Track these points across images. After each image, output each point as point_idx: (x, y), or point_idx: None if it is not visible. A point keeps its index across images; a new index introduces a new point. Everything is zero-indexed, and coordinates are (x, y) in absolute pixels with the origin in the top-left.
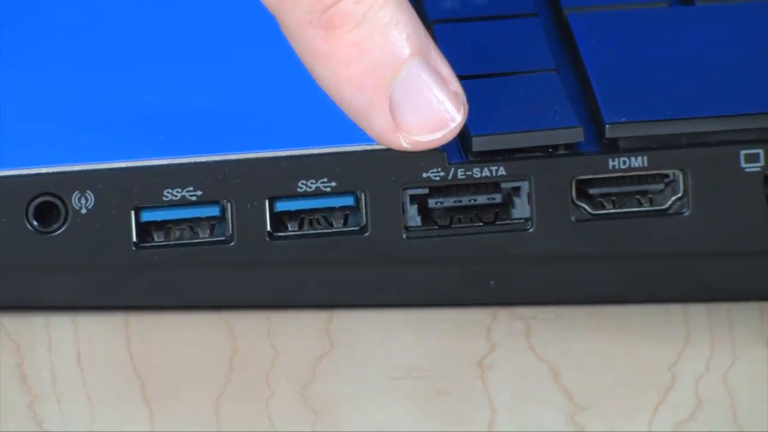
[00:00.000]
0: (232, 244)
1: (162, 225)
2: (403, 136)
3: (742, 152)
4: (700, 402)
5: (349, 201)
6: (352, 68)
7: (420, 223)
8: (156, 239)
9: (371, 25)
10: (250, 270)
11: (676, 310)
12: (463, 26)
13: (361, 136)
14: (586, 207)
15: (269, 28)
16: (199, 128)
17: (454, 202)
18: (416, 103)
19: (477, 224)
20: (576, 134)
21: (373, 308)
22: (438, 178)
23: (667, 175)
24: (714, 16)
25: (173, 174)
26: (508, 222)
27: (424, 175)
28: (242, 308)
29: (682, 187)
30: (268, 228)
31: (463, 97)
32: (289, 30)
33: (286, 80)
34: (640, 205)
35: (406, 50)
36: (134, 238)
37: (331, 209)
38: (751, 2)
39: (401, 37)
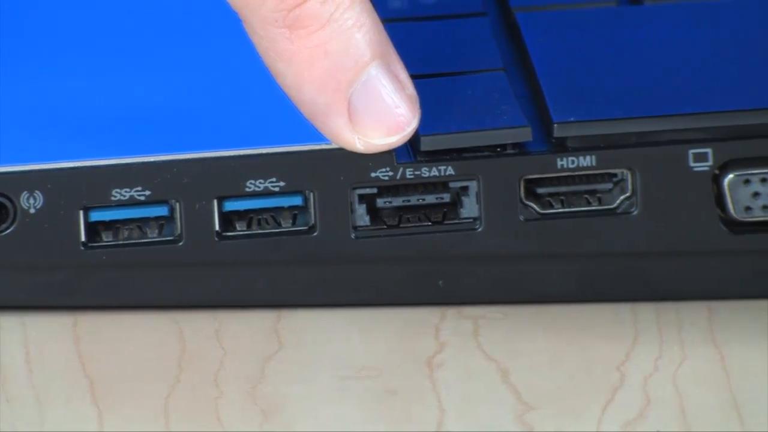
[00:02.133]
0: (180, 243)
1: (111, 225)
2: (359, 138)
3: (691, 151)
4: (648, 401)
5: (297, 201)
6: (315, 69)
7: (368, 223)
8: (105, 239)
9: (336, 27)
10: (199, 270)
11: (624, 309)
12: (412, 26)
13: (310, 135)
14: (535, 206)
15: (219, 29)
16: (148, 128)
17: (403, 201)
18: (374, 106)
19: (425, 224)
20: (524, 134)
21: (322, 308)
22: (387, 178)
23: (615, 175)
24: (662, 16)
25: (122, 174)
26: (456, 221)
27: (373, 174)
28: (191, 308)
29: (630, 186)
30: (217, 228)
31: (417, 102)
32: (253, 28)
33: (234, 80)
34: (589, 204)
35: (368, 53)
36: (83, 238)
37: (280, 209)
38: (698, 2)
39: (364, 39)
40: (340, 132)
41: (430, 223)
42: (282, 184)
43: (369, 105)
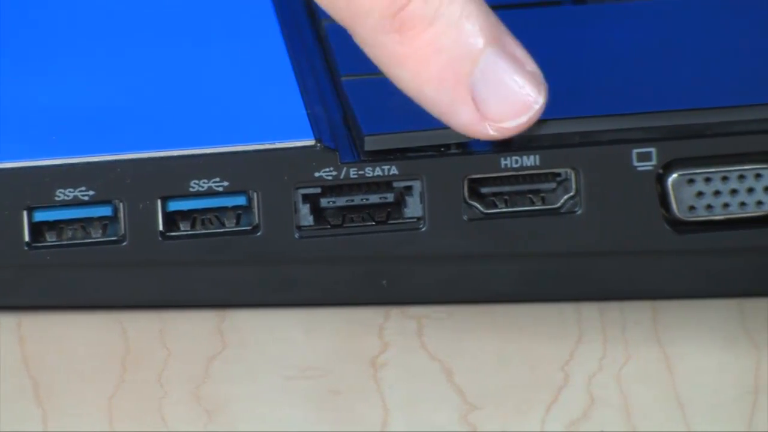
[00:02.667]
0: (124, 244)
1: (54, 225)
2: (490, 125)
3: (635, 151)
4: (592, 401)
5: (241, 200)
6: (431, 68)
7: (312, 223)
8: (48, 239)
9: (444, 22)
10: (143, 270)
11: (568, 309)
12: None
13: (254, 135)
14: (479, 206)
15: (166, 30)
16: (92, 128)
17: (347, 201)
18: (498, 91)
19: (369, 223)
20: None
21: (266, 308)
22: (330, 178)
23: (559, 174)
24: (605, 16)
25: (66, 174)
26: (400, 221)
27: (317, 174)
28: (135, 308)
29: (574, 185)
30: (161, 228)
31: (541, 77)
32: (364, 40)
33: (178, 80)
34: (533, 204)
35: (481, 41)
36: (26, 238)
37: (224, 209)
38: (641, 2)
39: (474, 28)
40: (470, 123)
41: (373, 223)
42: (226, 184)
43: (492, 91)
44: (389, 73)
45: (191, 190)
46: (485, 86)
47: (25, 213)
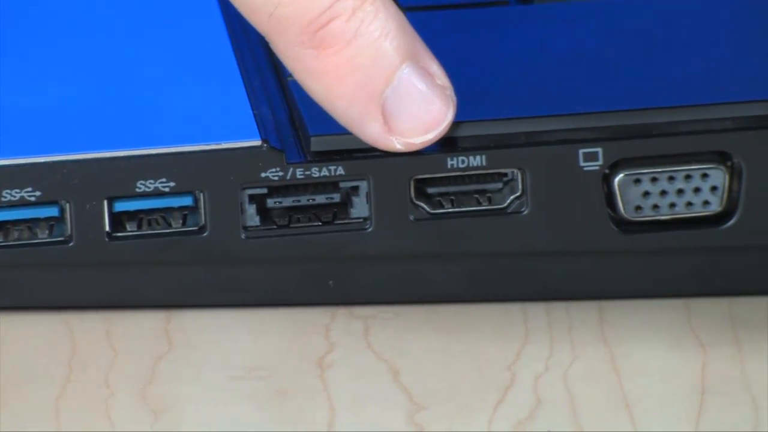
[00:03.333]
0: (71, 244)
1: (1, 225)
2: (397, 140)
3: (581, 151)
4: (539, 401)
5: (187, 201)
6: (346, 84)
7: (259, 223)
8: None
9: (362, 41)
10: (89, 270)
11: (515, 309)
12: None
13: (201, 136)
14: (425, 206)
15: (112, 30)
16: (38, 129)
17: (293, 201)
18: (408, 107)
19: (316, 224)
20: None
21: (213, 308)
22: (277, 178)
23: (505, 174)
24: (552, 16)
25: (12, 174)
26: (346, 221)
27: (263, 175)
28: (82, 309)
29: (520, 186)
30: (107, 228)
31: (450, 90)
32: (282, 52)
33: (124, 80)
34: (479, 204)
35: (397, 59)
36: None
37: (170, 209)
38: (587, 2)
39: (392, 46)
40: (377, 137)
41: (320, 223)
42: (172, 184)
43: (402, 107)
44: (303, 84)
45: (138, 190)
46: (396, 103)
47: None
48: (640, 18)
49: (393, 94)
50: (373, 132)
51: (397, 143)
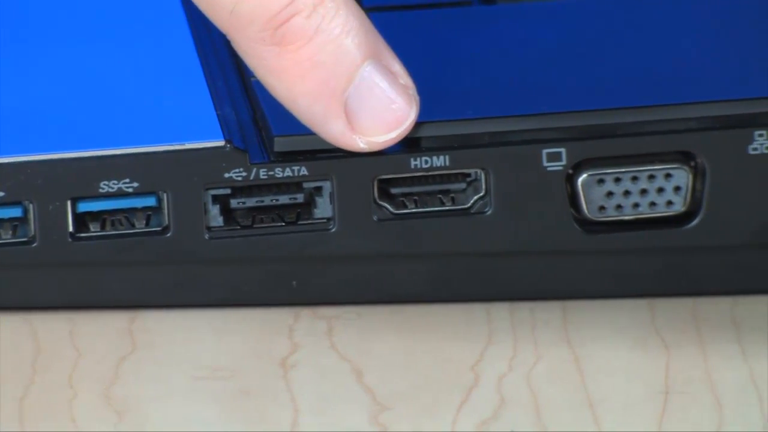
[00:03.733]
0: (34, 245)
1: None
2: (360, 138)
3: (545, 151)
4: (503, 401)
5: (151, 201)
6: (307, 81)
7: (222, 224)
8: None
9: (324, 38)
10: (53, 271)
11: (479, 309)
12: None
13: (164, 136)
14: (388, 206)
15: (74, 30)
16: (1, 129)
17: (257, 202)
18: (370, 106)
19: (279, 224)
20: None
21: (176, 308)
22: (240, 179)
23: (469, 175)
24: (516, 16)
25: None
26: (310, 222)
27: (227, 175)
28: (45, 309)
29: (484, 186)
30: (71, 229)
31: (413, 90)
32: (243, 49)
33: (88, 81)
34: (442, 204)
35: (359, 57)
36: None
37: (134, 210)
38: (550, 2)
39: (353, 44)
40: (340, 136)
41: (283, 224)
42: (136, 185)
43: (365, 105)
44: (264, 81)
45: (101, 191)
46: (359, 101)
47: None
48: (603, 18)
49: (355, 93)
50: (336, 131)
51: (359, 142)
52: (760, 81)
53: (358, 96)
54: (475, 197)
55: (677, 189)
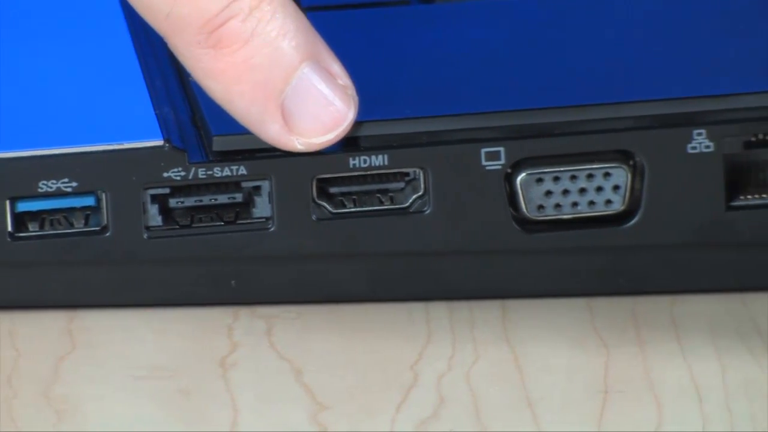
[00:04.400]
0: None
1: None
2: (297, 140)
3: (483, 150)
4: (442, 400)
5: (90, 201)
6: (244, 84)
7: (161, 223)
8: None
9: (260, 41)
10: None
11: (418, 308)
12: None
13: (102, 136)
14: (327, 206)
15: (9, 28)
16: None
17: (195, 201)
18: (307, 107)
19: (218, 223)
20: None
21: (116, 308)
22: (179, 178)
23: (407, 174)
24: (454, 15)
25: None
26: (249, 221)
27: (165, 174)
28: None
29: (422, 185)
30: (10, 228)
31: (352, 90)
32: (179, 51)
33: (26, 80)
34: (381, 203)
35: (296, 59)
36: None
37: (72, 209)
38: (488, 1)
39: (291, 45)
40: (277, 138)
41: (222, 223)
42: (74, 184)
43: (302, 107)
44: (202, 84)
45: (40, 190)
46: (296, 103)
47: None
48: (541, 17)
49: (292, 94)
50: (273, 132)
51: (297, 143)
52: (699, 80)
53: (295, 97)
54: (414, 196)
55: (616, 188)
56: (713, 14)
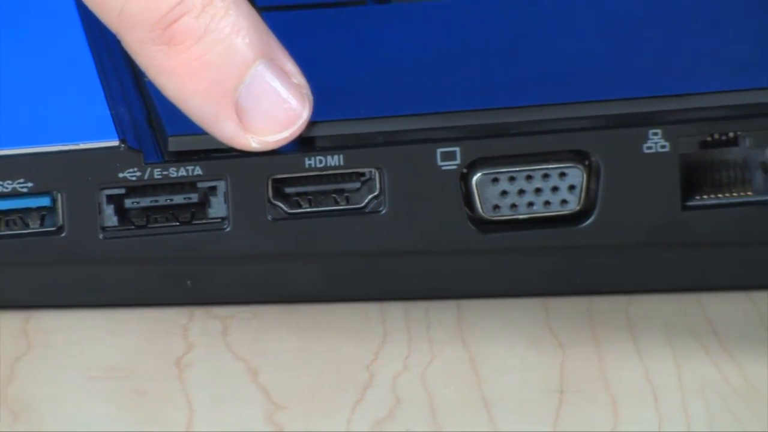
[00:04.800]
0: None
1: None
2: (252, 138)
3: (439, 150)
4: (398, 400)
5: (45, 201)
6: (197, 81)
7: (117, 223)
8: None
9: (213, 37)
10: None
11: (373, 308)
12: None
13: (58, 136)
14: (283, 206)
15: None
16: None
17: (151, 202)
18: (262, 105)
19: (174, 224)
20: None
21: (71, 308)
22: (134, 178)
23: (363, 174)
24: (410, 15)
25: None
26: (204, 221)
27: (121, 175)
28: None
29: (378, 185)
30: None
31: (306, 89)
32: (132, 48)
33: None
34: (337, 203)
35: (250, 56)
36: None
37: (28, 210)
38: (444, 1)
39: (244, 43)
40: (232, 136)
41: (178, 223)
42: (30, 185)
43: (256, 105)
44: (155, 81)
45: None
46: (250, 101)
47: None
48: (497, 17)
49: (246, 92)
50: (228, 130)
51: (252, 141)
52: (655, 80)
53: (249, 95)
54: (370, 197)
55: (572, 188)
56: (669, 14)
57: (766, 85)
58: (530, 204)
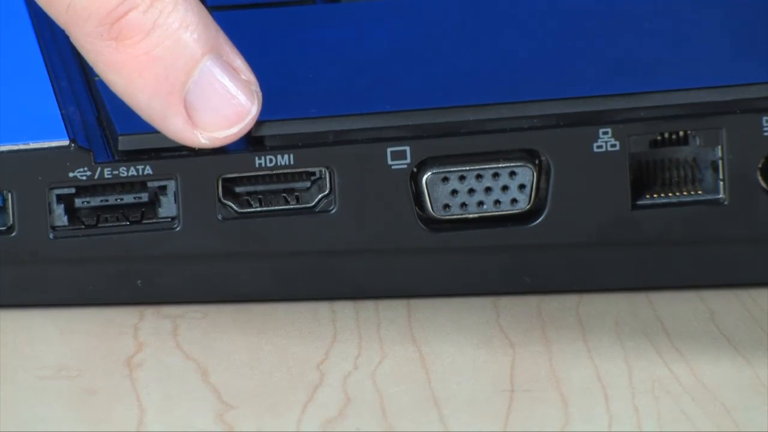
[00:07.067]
0: None
1: None
2: (201, 134)
3: (389, 149)
4: (348, 400)
5: None
6: (146, 76)
7: (67, 223)
8: None
9: (161, 32)
10: None
11: (323, 308)
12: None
13: (7, 136)
14: (233, 205)
15: None
16: None
17: (101, 201)
18: (210, 101)
19: (124, 223)
20: None
21: (21, 308)
22: (85, 178)
23: (313, 173)
24: (360, 14)
25: None
26: (155, 221)
27: (71, 174)
28: None
29: (328, 184)
30: None
31: (255, 86)
32: (80, 44)
33: None
34: (287, 203)
35: (198, 51)
36: None
37: None
38: (393, 0)
39: (192, 38)
40: (180, 132)
41: (128, 223)
42: None
43: (205, 100)
44: (104, 77)
45: None
46: (198, 96)
47: None
48: (446, 16)
49: (195, 87)
50: (176, 126)
51: (200, 137)
52: (605, 79)
53: (197, 91)
54: (320, 196)
55: (522, 187)
56: (618, 13)
57: (716, 84)
58: (480, 203)
